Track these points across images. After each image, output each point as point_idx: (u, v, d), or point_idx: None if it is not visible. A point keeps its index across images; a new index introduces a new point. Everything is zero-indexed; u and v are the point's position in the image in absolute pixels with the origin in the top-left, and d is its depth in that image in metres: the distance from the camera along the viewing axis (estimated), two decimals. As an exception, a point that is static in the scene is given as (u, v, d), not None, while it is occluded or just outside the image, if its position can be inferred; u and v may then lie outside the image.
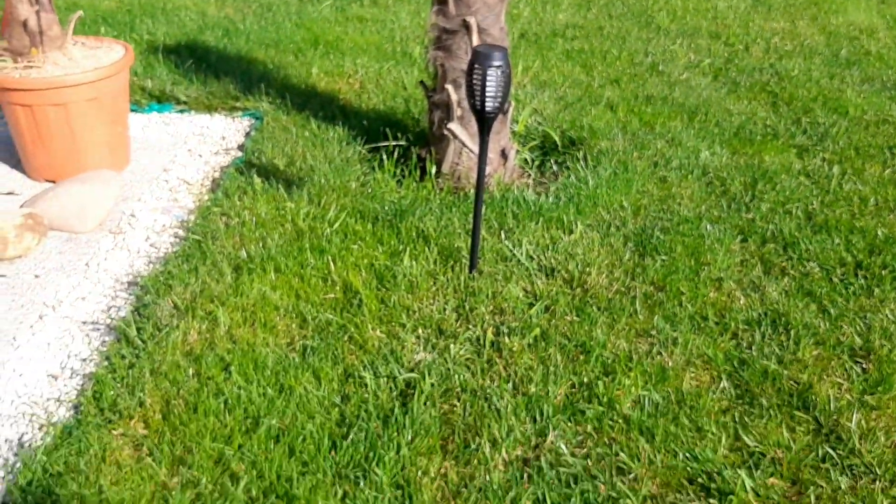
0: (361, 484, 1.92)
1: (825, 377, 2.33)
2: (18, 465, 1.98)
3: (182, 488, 1.90)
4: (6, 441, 2.08)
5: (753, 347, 2.45)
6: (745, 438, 2.08)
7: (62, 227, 3.07)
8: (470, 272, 2.75)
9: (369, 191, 3.36)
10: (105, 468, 1.94)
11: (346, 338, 2.43)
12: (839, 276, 2.86)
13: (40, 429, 2.11)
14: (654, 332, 2.51)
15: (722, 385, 2.29)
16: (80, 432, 2.04)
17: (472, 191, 3.34)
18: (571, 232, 3.06)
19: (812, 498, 1.91)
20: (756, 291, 2.75)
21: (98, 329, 2.53)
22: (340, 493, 1.90)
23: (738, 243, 3.06)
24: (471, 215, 2.99)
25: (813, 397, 2.24)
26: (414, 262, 2.80)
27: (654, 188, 3.49)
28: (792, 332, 2.52)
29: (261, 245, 2.90)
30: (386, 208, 3.18)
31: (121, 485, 1.89)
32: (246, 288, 2.62)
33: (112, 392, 2.18)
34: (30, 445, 2.04)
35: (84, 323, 2.56)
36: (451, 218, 3.10)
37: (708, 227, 3.14)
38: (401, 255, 2.85)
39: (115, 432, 2.05)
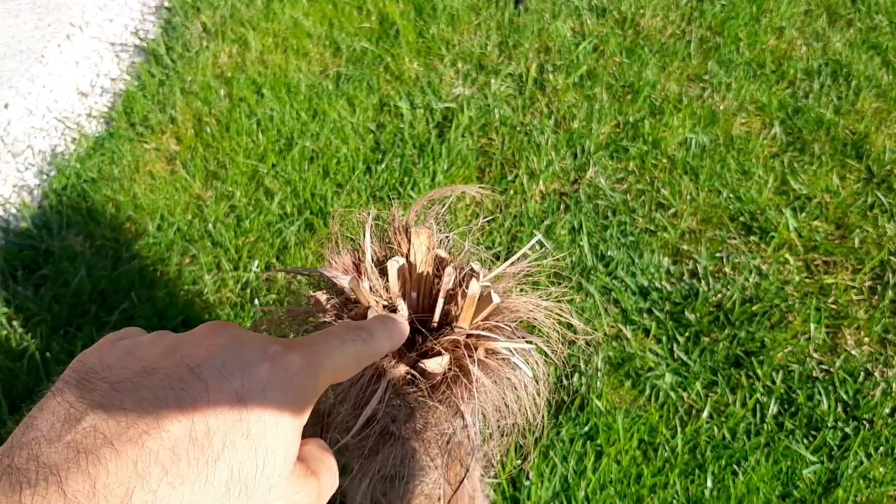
0: (395, 205, 1.90)
1: (883, 129, 2.21)
2: (53, 172, 1.97)
3: (216, 201, 1.89)
4: (40, 152, 2.06)
5: (810, 96, 2.31)
6: (793, 182, 2.01)
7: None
8: (515, 7, 2.57)
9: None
10: (139, 178, 1.92)
11: (381, 68, 2.32)
12: (913, 31, 2.64)
13: (73, 141, 2.08)
14: (706, 77, 2.36)
15: (773, 131, 2.18)
16: (112, 144, 2.01)
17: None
18: (626, -28, 2.82)
19: (856, 241, 1.86)
20: (818, 41, 2.56)
21: (127, 50, 2.44)
22: (374, 212, 1.88)
23: (806, -8, 2.82)
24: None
25: (867, 147, 2.13)
26: (455, -4, 2.62)
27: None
28: (853, 83, 2.36)
29: (293, -29, 2.72)
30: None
31: (155, 193, 1.88)
32: (278, 13, 2.49)
33: (143, 108, 2.12)
34: (63, 155, 2.03)
35: (112, 44, 2.47)
36: (496, -47, 2.86)
37: (776, -27, 2.88)
38: (442, -12, 2.66)
39: (147, 146, 2.02)
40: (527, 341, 0.86)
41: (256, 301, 1.65)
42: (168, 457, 0.33)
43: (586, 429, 1.43)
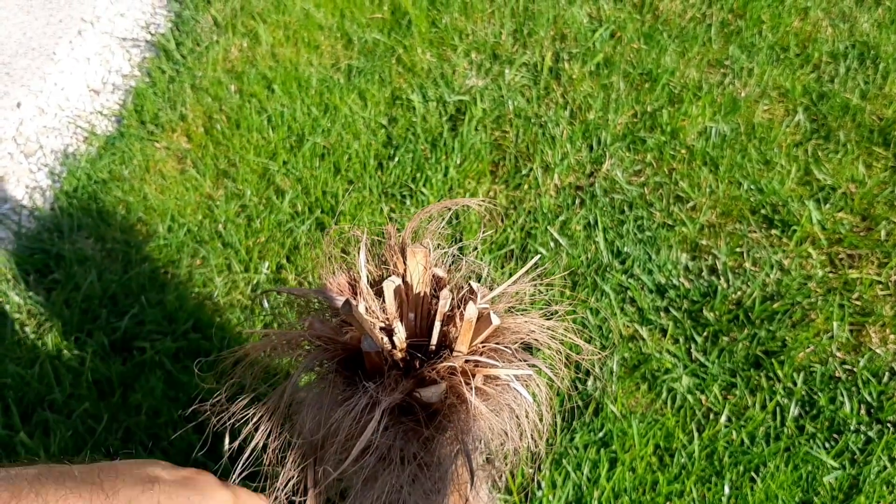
0: (408, 202, 1.87)
1: (913, 114, 2.14)
2: (64, 173, 1.96)
3: (227, 200, 1.87)
4: (52, 151, 2.05)
5: (836, 80, 2.24)
6: (817, 172, 1.95)
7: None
8: (530, -6, 2.51)
9: None
10: (149, 178, 1.91)
11: (393, 60, 2.29)
12: (944, 9, 2.55)
13: (84, 140, 2.08)
14: (727, 62, 2.30)
15: (797, 118, 2.11)
16: (123, 143, 2.00)
17: None
18: (645, -46, 2.75)
19: (882, 233, 1.80)
20: (845, 22, 2.48)
21: (138, 45, 2.42)
22: (386, 210, 1.86)
23: (832, -29, 2.73)
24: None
25: (895, 133, 2.06)
26: (469, -17, 2.57)
27: None
28: (881, 66, 2.28)
29: (304, -39, 2.68)
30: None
31: (166, 194, 1.87)
32: (288, 5, 2.45)
33: (154, 105, 2.11)
34: (74, 155, 2.02)
35: (123, 39, 2.45)
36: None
37: (800, -49, 2.79)
38: (455, -25, 2.61)
39: (157, 145, 2.01)
40: (528, 364, 0.83)
41: (266, 303, 1.64)
42: None
43: (600, 435, 1.40)
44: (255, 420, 0.81)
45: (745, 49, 2.34)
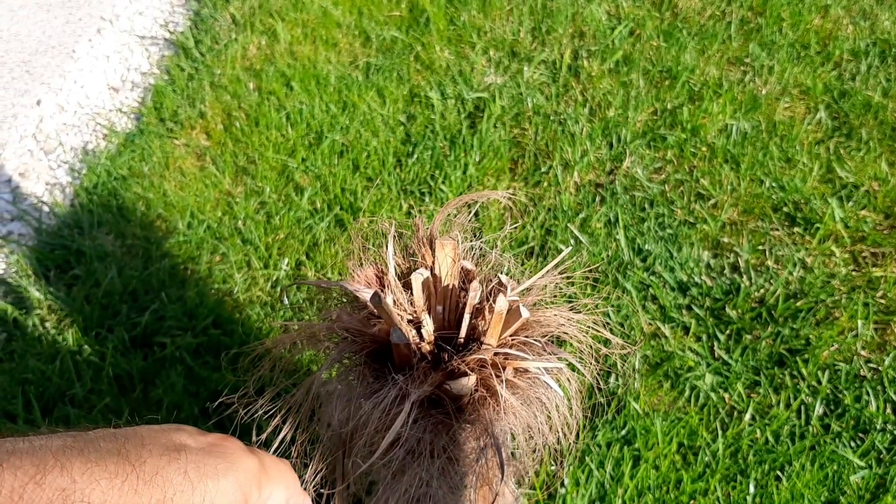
0: (427, 200, 1.86)
1: (936, 112, 2.11)
2: (84, 170, 1.97)
3: (246, 197, 1.87)
4: (71, 149, 2.06)
5: (857, 78, 2.22)
6: (839, 170, 1.93)
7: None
8: (548, -8, 2.50)
9: None
10: (169, 174, 1.91)
11: (411, 57, 2.28)
12: (968, 6, 2.52)
13: (104, 137, 2.08)
14: (748, 60, 2.28)
15: (818, 116, 2.09)
16: (142, 140, 2.00)
17: None
18: (664, -49, 2.74)
19: (906, 231, 1.78)
20: (866, 19, 2.46)
21: (157, 43, 2.43)
22: (405, 207, 1.85)
23: (853, -32, 2.71)
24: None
25: (920, 132, 2.04)
26: (487, -19, 2.56)
27: None
28: (904, 64, 2.26)
29: (322, -41, 2.68)
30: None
31: (185, 190, 1.87)
32: (306, 3, 2.45)
33: (172, 103, 2.11)
34: (94, 152, 2.02)
35: (142, 37, 2.46)
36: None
37: (821, -52, 2.77)
38: (473, -27, 2.60)
39: (177, 142, 2.01)
40: (558, 358, 0.82)
41: (286, 299, 1.63)
42: None
43: (623, 432, 1.39)
44: (283, 412, 0.80)
45: (765, 47, 2.32)
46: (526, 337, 0.82)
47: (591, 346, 0.83)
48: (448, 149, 1.99)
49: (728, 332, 1.58)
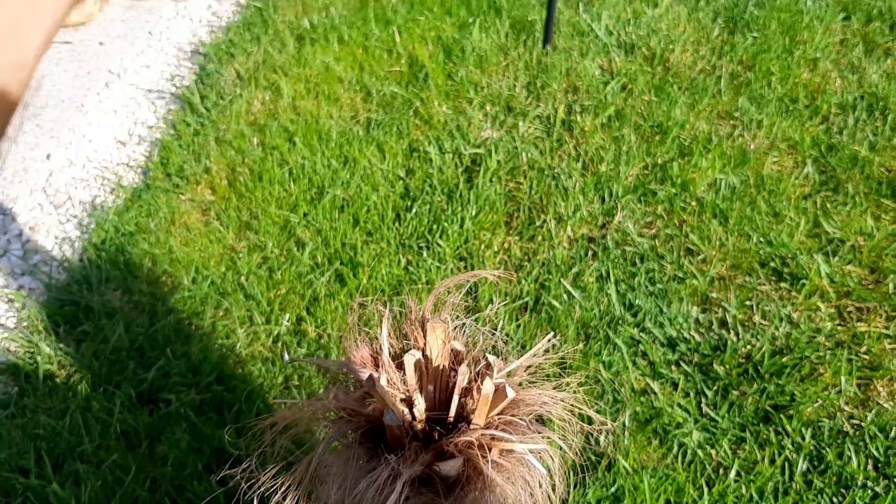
0: (424, 254, 1.92)
1: (920, 166, 2.18)
2: (93, 225, 2.03)
3: (249, 252, 1.93)
4: (80, 203, 2.13)
5: (844, 132, 2.29)
6: (825, 225, 1.99)
7: (123, -7, 2.98)
8: (543, 47, 2.59)
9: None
10: (174, 230, 1.98)
11: (411, 112, 2.36)
12: (951, 60, 2.60)
13: (111, 192, 2.15)
14: (737, 114, 2.35)
15: (806, 170, 2.16)
16: (149, 196, 2.07)
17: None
18: (656, 5, 2.82)
19: (890, 286, 1.84)
20: (854, 73, 2.53)
21: (163, 97, 2.51)
22: (403, 262, 1.91)
23: (839, 21, 2.79)
24: (547, -15, 2.77)
25: (904, 186, 2.10)
26: (484, 35, 2.65)
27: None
28: (889, 117, 2.33)
29: (324, 14, 2.77)
30: (456, -22, 2.98)
31: (190, 246, 1.93)
32: (309, 58, 2.53)
33: (179, 158, 2.18)
34: (102, 207, 2.09)
35: (149, 91, 2.54)
36: (525, -11, 2.89)
37: (808, 1, 2.85)
38: (470, 28, 2.69)
39: (182, 197, 2.08)
40: (542, 436, 0.88)
41: (286, 356, 1.69)
42: None
43: (613, 490, 1.44)
44: (283, 490, 0.85)
45: (754, 101, 2.39)
46: (512, 416, 0.88)
47: (572, 424, 0.88)
48: (445, 203, 2.06)
49: (715, 388, 1.63)
